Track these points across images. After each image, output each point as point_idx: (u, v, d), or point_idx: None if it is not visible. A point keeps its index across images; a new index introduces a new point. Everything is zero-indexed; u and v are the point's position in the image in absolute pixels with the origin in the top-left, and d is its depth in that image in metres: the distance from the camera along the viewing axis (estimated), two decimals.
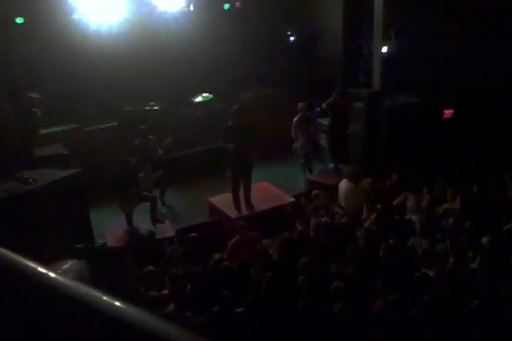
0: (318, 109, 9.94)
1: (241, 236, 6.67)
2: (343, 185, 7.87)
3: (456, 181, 7.40)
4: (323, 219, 6.97)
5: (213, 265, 5.89)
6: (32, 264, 0.94)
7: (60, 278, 0.92)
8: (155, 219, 7.91)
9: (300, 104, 9.42)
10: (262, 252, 6.33)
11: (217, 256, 6.29)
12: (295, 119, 9.40)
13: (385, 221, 6.70)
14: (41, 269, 0.93)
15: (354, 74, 10.21)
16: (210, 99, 10.67)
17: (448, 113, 9.31)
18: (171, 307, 5.06)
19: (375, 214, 6.94)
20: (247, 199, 8.17)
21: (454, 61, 8.79)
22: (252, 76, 10.73)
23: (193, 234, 6.85)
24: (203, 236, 6.92)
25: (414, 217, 6.69)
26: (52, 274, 0.92)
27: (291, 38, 11.59)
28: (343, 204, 7.78)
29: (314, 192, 7.98)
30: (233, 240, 6.70)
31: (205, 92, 10.66)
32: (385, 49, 9.34)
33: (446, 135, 8.96)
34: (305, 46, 11.22)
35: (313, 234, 6.65)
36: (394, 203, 7.42)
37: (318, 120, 10.00)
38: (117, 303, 0.87)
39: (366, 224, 6.83)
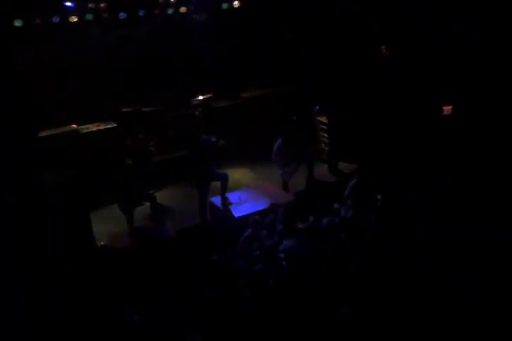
0: (318, 107, 9.91)
1: (254, 231, 6.77)
2: None
3: None
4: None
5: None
6: None
7: None
8: (156, 220, 7.88)
9: None
10: None
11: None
12: None
13: None
14: None
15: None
16: None
17: (447, 109, 9.25)
18: None
19: None
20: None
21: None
22: (252, 76, 10.70)
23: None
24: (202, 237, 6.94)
25: None
26: None
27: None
28: None
29: None
30: (245, 234, 6.77)
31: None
32: None
33: (446, 131, 8.93)
34: (306, 45, 11.16)
35: None
36: None
37: (318, 118, 9.98)
38: None
39: None
